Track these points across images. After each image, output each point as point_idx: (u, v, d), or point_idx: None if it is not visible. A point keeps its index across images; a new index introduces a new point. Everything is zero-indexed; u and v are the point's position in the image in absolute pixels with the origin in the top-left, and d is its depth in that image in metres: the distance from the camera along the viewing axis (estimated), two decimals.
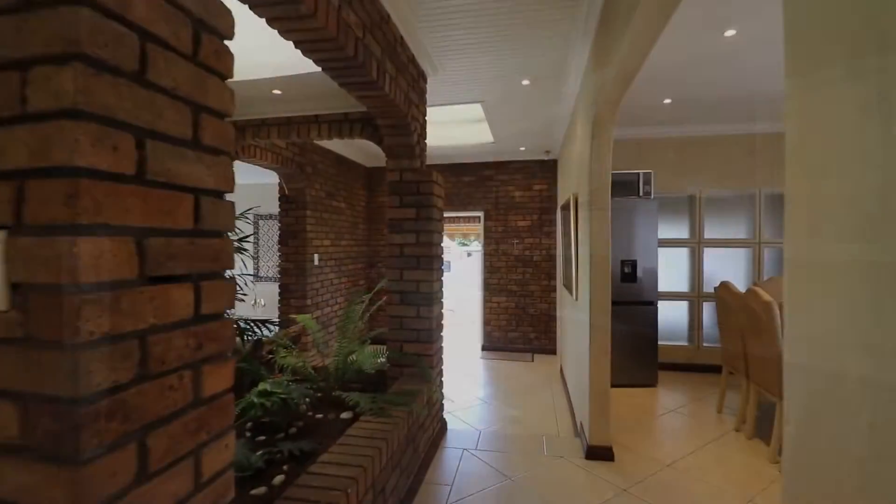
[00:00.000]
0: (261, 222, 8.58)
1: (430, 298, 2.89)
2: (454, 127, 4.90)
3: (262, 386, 2.32)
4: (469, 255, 28.27)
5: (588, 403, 2.83)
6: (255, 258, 8.74)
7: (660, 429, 3.35)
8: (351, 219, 6.01)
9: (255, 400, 2.20)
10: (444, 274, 3.27)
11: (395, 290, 2.94)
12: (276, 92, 3.10)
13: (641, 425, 3.41)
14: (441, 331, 3.13)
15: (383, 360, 2.90)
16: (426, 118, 3.16)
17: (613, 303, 2.96)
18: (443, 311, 3.16)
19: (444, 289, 3.17)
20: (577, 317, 3.43)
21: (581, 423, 3.13)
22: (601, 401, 2.78)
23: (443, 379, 3.24)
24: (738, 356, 3.31)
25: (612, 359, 2.86)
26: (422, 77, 3.02)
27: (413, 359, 2.85)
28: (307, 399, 2.65)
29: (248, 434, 2.39)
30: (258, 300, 8.58)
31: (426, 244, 2.89)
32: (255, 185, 8.57)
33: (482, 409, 4.00)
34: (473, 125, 4.86)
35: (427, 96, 3.68)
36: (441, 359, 3.17)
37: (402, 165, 2.94)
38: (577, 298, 3.45)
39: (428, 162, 6.47)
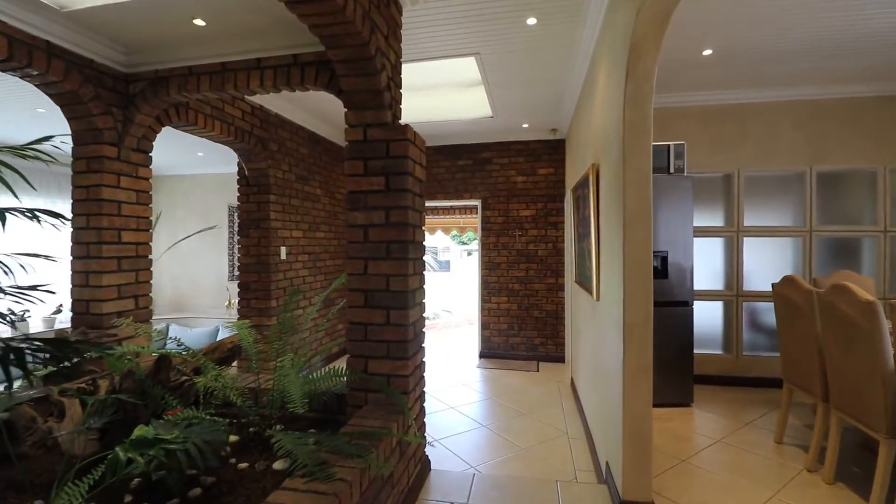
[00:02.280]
0: (236, 214, 7.82)
1: (403, 299, 2.11)
2: (444, 94, 4.12)
3: (140, 431, 1.55)
4: (469, 254, 27.48)
5: (620, 441, 2.06)
6: (231, 254, 7.98)
7: (708, 468, 2.57)
8: (329, 207, 5.23)
9: (122, 455, 1.43)
10: (444, 274, 2.49)
11: (356, 287, 2.17)
12: (199, 22, 2.33)
13: (684, 463, 2.63)
14: (421, 342, 2.36)
15: (343, 379, 2.13)
16: (400, 60, 2.38)
17: None
18: (424, 315, 2.39)
19: (424, 286, 2.40)
20: (599, 322, 2.66)
21: (607, 465, 2.36)
22: (640, 439, 2.00)
23: (424, 405, 2.47)
24: (811, 373, 2.54)
25: None
26: (393, 1, 2.25)
27: (380, 382, 2.08)
28: (224, 445, 1.88)
29: (128, 499, 1.63)
30: (232, 301, 7.82)
31: (399, 226, 2.12)
32: (230, 174, 7.82)
33: (478, 436, 3.22)
34: (467, 92, 4.09)
35: (407, 47, 2.92)
36: (422, 378, 2.39)
37: (365, 119, 2.17)
38: (598, 299, 2.68)
39: None
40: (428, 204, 6.05)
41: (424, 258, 2.44)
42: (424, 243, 2.45)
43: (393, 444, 1.87)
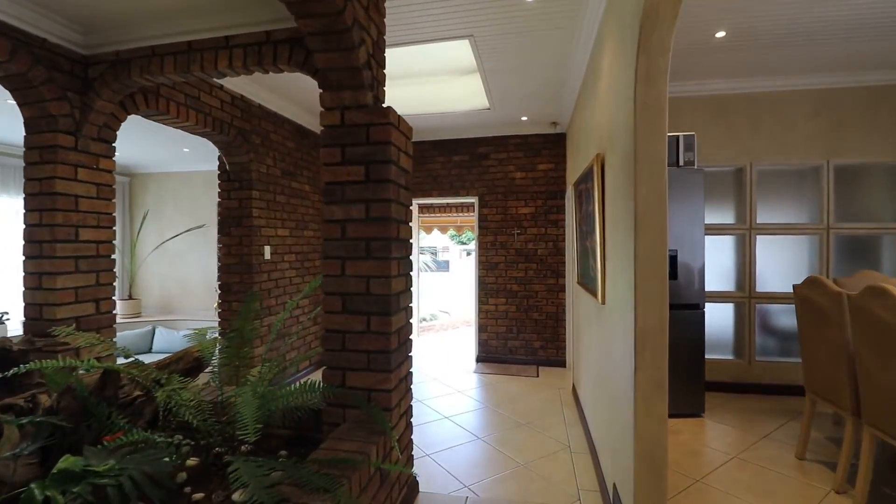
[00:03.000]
0: None
1: (386, 304, 1.87)
2: (437, 83, 3.89)
3: (66, 462, 1.31)
4: (468, 254, 27.23)
5: (631, 465, 1.82)
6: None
7: (726, 489, 2.33)
8: (319, 205, 4.98)
9: (37, 494, 1.18)
10: (444, 274, 2.24)
11: (333, 290, 1.93)
12: None
13: (700, 484, 2.39)
14: (407, 351, 2.12)
15: (316, 395, 1.88)
16: (383, 37, 2.14)
17: None
18: (410, 322, 2.14)
19: (411, 289, 2.16)
20: (605, 327, 2.42)
21: (615, 487, 2.12)
22: (654, 465, 1.76)
23: (412, 420, 2.22)
24: (840, 384, 2.30)
25: None
26: None
27: (359, 398, 1.84)
28: (168, 477, 1.63)
29: None
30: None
31: (380, 221, 1.88)
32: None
33: (473, 450, 2.98)
34: (462, 81, 3.85)
35: (394, 28, 2.68)
36: (408, 391, 2.15)
37: (343, 101, 1.93)
38: (603, 302, 2.44)
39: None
40: (423, 201, 5.81)
41: (418, 258, 2.21)
42: (418, 242, 2.21)
43: (371, 472, 1.63)
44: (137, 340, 6.38)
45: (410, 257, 2.17)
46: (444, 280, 20.62)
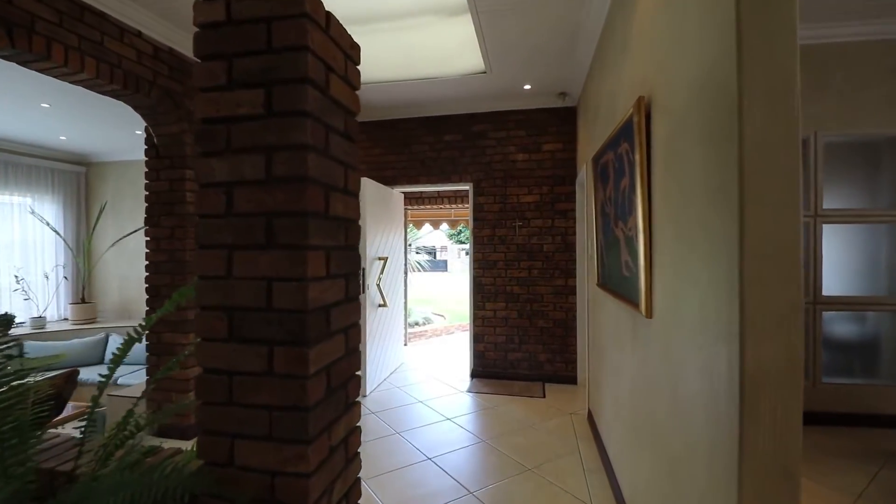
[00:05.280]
0: None
1: (299, 325, 1.08)
2: (418, 29, 3.09)
3: None
4: (467, 253, 26.48)
5: None
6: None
7: None
8: None
9: None
10: (442, 274, 1.45)
11: (212, 303, 1.14)
12: None
13: None
14: (347, 400, 1.32)
15: (180, 480, 1.09)
16: None
17: None
18: (356, 351, 1.35)
19: (359, 298, 1.37)
20: (653, 352, 1.64)
21: None
22: None
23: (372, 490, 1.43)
24: None
25: None
26: None
27: (245, 494, 1.06)
28: None
29: None
30: None
31: (291, 183, 1.09)
32: None
33: None
34: (450, 27, 3.06)
35: None
36: (349, 464, 1.35)
37: None
38: (648, 315, 1.65)
39: (391, 113, 4.67)
40: (411, 189, 5.03)
41: (406, 257, 1.42)
42: (405, 238, 1.42)
43: None
44: (88, 350, 5.61)
45: (358, 248, 1.39)
46: (442, 280, 19.87)
